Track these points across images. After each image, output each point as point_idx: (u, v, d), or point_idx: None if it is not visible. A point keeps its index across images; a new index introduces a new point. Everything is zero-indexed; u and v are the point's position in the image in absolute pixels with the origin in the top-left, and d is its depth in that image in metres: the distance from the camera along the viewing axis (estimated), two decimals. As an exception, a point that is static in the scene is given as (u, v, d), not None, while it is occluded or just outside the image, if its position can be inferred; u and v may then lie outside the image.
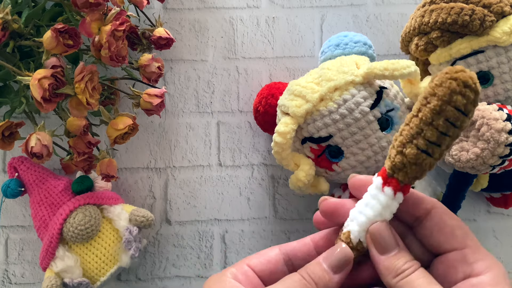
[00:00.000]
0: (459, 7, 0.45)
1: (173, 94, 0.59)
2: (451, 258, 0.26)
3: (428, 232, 0.27)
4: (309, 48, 0.60)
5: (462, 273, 0.25)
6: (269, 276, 0.28)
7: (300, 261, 0.29)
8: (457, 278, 0.25)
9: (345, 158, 0.47)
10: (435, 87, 0.24)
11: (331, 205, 0.29)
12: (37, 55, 0.46)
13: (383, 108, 0.46)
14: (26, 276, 0.57)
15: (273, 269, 0.28)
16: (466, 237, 0.26)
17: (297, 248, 0.29)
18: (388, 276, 0.26)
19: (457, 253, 0.26)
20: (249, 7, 0.60)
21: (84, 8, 0.38)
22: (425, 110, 0.24)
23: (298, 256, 0.29)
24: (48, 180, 0.53)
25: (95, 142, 0.45)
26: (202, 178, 0.59)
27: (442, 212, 0.27)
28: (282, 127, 0.45)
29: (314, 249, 0.29)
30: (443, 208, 0.27)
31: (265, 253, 0.29)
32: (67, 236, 0.49)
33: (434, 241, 0.27)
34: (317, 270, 0.27)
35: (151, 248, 0.58)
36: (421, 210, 0.27)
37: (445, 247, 0.26)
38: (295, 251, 0.29)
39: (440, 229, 0.26)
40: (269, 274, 0.28)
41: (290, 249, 0.29)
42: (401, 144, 0.25)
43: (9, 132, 0.42)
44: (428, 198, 0.28)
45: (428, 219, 0.27)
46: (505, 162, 0.44)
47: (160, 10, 0.60)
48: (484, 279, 0.24)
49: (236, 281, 0.27)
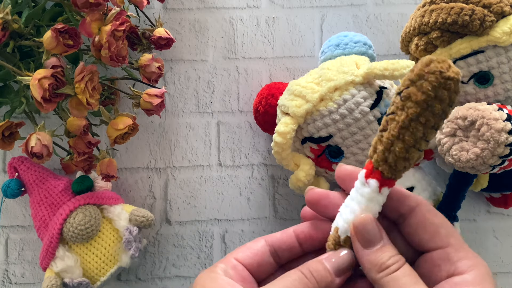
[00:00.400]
0: (459, 7, 0.45)
1: (173, 94, 0.59)
2: (435, 256, 0.25)
3: (412, 229, 0.26)
4: (309, 48, 0.60)
5: (446, 271, 0.25)
6: (257, 268, 0.28)
7: (285, 252, 0.29)
8: (441, 276, 0.25)
9: (345, 158, 0.47)
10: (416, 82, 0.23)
11: (315, 195, 0.29)
12: (37, 55, 0.46)
13: (383, 108, 0.46)
14: (26, 276, 0.57)
15: (260, 261, 0.28)
16: (450, 235, 0.26)
17: (282, 239, 0.29)
18: (372, 270, 0.25)
19: (440, 251, 0.25)
20: (249, 7, 0.60)
21: (84, 8, 0.38)
22: (411, 107, 0.24)
23: (282, 247, 0.29)
24: (48, 180, 0.53)
25: (95, 142, 0.45)
26: (202, 178, 0.59)
27: (426, 210, 0.26)
28: (282, 127, 0.45)
29: (296, 241, 0.29)
30: (428, 206, 0.27)
31: (251, 246, 0.29)
32: (67, 236, 0.49)
33: (418, 239, 0.26)
34: (320, 268, 0.26)
35: (151, 248, 0.58)
36: (405, 207, 0.27)
37: (429, 245, 0.26)
38: (280, 243, 0.29)
39: (424, 227, 0.26)
40: (257, 266, 0.28)
41: (275, 240, 0.29)
42: (388, 140, 0.25)
43: (9, 132, 0.42)
44: (413, 196, 0.27)
45: (412, 216, 0.27)
46: (505, 162, 0.44)
47: (160, 10, 0.60)
48: (467, 277, 0.24)
49: (227, 277, 0.26)
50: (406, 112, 0.24)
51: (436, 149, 0.49)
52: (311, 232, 0.29)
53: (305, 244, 0.29)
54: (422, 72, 0.23)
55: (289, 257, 0.29)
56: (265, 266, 0.28)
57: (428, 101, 0.23)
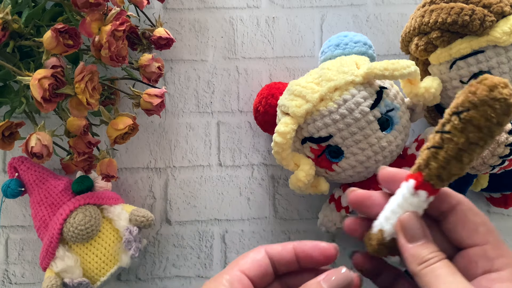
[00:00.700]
0: (459, 7, 0.45)
1: (173, 94, 0.59)
2: (472, 253, 0.27)
3: (452, 226, 0.28)
4: (309, 48, 0.60)
5: (482, 268, 0.26)
6: (261, 279, 0.29)
7: (282, 266, 0.30)
8: (477, 272, 0.26)
9: (345, 158, 0.47)
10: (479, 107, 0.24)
11: (359, 196, 0.30)
12: (37, 55, 0.46)
13: (383, 108, 0.46)
14: (26, 276, 0.57)
15: (264, 272, 0.29)
16: (489, 234, 0.27)
17: (282, 254, 0.30)
18: (413, 263, 0.27)
19: (478, 248, 0.27)
20: (249, 7, 0.60)
21: (84, 8, 0.38)
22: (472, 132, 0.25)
23: (281, 262, 0.30)
24: (48, 180, 0.53)
25: (95, 142, 0.45)
26: (202, 178, 0.59)
27: (467, 208, 0.28)
28: (282, 127, 0.45)
29: (295, 258, 0.30)
30: (468, 204, 0.28)
31: (254, 257, 0.30)
32: (67, 236, 0.49)
33: (457, 236, 0.28)
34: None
35: (151, 248, 0.58)
36: (446, 205, 0.28)
37: (467, 242, 0.27)
38: (279, 257, 0.30)
39: (464, 225, 0.27)
40: (261, 277, 0.29)
41: (275, 254, 0.30)
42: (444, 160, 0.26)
43: (9, 132, 0.42)
44: (454, 194, 0.29)
45: (453, 214, 0.28)
46: (505, 162, 0.44)
47: (160, 10, 0.60)
48: (504, 274, 0.25)
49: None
50: (466, 135, 0.25)
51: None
52: (312, 253, 0.30)
53: (303, 262, 0.30)
54: (486, 98, 0.24)
55: (287, 270, 0.30)
56: (268, 277, 0.30)
57: (491, 127, 0.24)
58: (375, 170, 0.48)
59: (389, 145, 0.46)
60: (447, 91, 0.49)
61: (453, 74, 0.48)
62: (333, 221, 0.52)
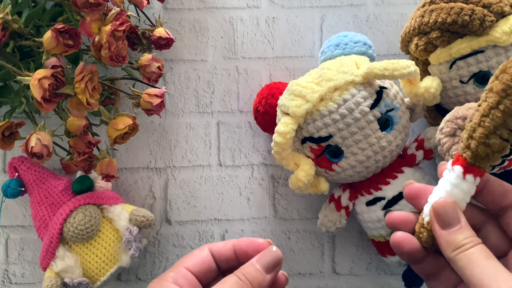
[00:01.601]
0: (459, 7, 0.45)
1: (173, 94, 0.59)
2: None
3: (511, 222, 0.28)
4: (309, 48, 0.60)
5: None
6: (204, 275, 0.32)
7: (223, 262, 0.32)
8: None
9: (345, 158, 0.47)
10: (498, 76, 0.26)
11: (415, 189, 0.31)
12: (37, 55, 0.46)
13: (383, 108, 0.46)
14: (26, 276, 0.57)
15: (207, 268, 0.32)
16: None
17: (222, 251, 0.32)
18: (448, 249, 0.27)
19: None
20: (249, 7, 0.60)
21: (84, 8, 0.38)
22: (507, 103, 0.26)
23: (221, 259, 0.33)
24: (48, 180, 0.53)
25: (95, 142, 0.45)
26: (202, 178, 0.59)
27: None
28: (282, 127, 0.45)
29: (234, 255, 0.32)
30: None
31: (198, 254, 0.32)
32: (67, 236, 0.49)
33: None
34: (251, 270, 0.30)
35: (151, 248, 0.58)
36: (507, 200, 0.29)
37: None
38: (220, 254, 0.32)
39: None
40: (205, 273, 0.32)
41: (217, 251, 0.33)
42: (471, 128, 0.28)
43: (9, 132, 0.42)
44: None
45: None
46: (505, 162, 0.44)
47: (160, 10, 0.60)
48: None
49: (177, 285, 0.30)
50: (487, 101, 0.27)
51: (436, 149, 0.49)
52: (247, 250, 0.32)
53: (241, 258, 0.32)
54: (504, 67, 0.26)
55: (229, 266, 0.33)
56: (211, 272, 0.32)
57: (506, 90, 0.26)
58: (375, 170, 0.48)
59: (389, 145, 0.46)
60: (447, 91, 0.49)
61: (453, 74, 0.48)
62: (333, 221, 0.52)
